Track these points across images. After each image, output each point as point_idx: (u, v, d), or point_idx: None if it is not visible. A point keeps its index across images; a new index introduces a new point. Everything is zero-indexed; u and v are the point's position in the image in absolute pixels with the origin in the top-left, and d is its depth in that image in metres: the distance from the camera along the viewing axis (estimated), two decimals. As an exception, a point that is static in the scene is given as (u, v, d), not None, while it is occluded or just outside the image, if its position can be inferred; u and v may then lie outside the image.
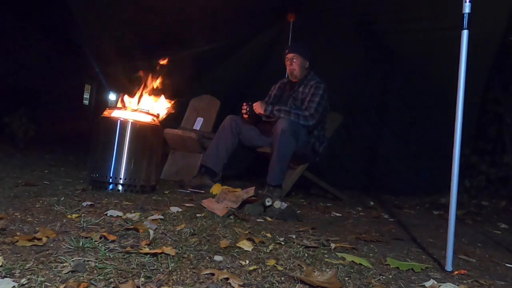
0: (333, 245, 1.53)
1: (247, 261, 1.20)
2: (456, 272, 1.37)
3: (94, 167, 2.28)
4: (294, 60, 3.04)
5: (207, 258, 1.20)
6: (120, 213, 1.64)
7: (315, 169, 3.34)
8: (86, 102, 15.81)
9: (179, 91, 2.82)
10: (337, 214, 2.53)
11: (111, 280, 0.95)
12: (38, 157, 3.83)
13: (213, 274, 1.05)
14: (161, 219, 1.63)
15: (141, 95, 2.57)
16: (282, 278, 1.09)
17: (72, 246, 1.17)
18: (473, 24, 1.47)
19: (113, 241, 1.25)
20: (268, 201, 2.08)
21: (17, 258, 1.03)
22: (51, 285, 0.90)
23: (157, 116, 2.49)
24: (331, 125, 3.36)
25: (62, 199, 1.82)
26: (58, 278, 0.94)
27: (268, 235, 1.60)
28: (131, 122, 2.27)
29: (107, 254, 1.12)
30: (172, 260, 1.13)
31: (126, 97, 2.50)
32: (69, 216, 1.52)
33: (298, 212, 2.27)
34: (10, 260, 1.01)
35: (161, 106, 2.60)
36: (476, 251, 1.82)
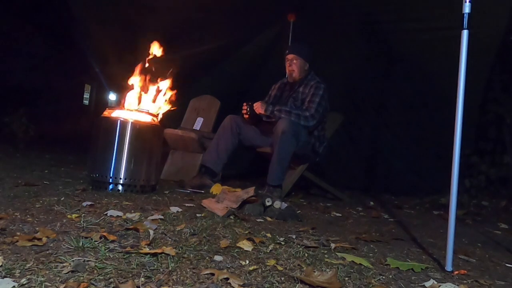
0: (333, 245, 1.53)
1: (247, 261, 1.20)
2: (456, 272, 1.37)
3: (94, 167, 2.28)
4: (294, 61, 3.04)
5: (207, 258, 1.20)
6: (120, 213, 1.64)
7: (315, 169, 3.34)
8: (86, 102, 15.82)
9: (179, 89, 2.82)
10: (337, 214, 2.53)
11: (111, 280, 0.95)
12: (38, 157, 3.83)
13: (213, 274, 1.05)
14: (161, 219, 1.63)
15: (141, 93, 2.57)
16: (282, 278, 1.09)
17: (72, 246, 1.17)
18: (473, 24, 1.47)
19: (113, 241, 1.25)
20: (268, 201, 2.08)
21: (17, 258, 1.03)
22: (51, 285, 0.90)
23: (157, 115, 2.49)
24: (331, 125, 3.36)
25: (62, 199, 1.82)
26: (58, 278, 0.94)
27: (268, 235, 1.60)
28: (131, 122, 2.27)
29: (107, 254, 1.12)
30: (172, 260, 1.13)
31: (128, 96, 2.51)
32: (69, 216, 1.52)
33: (298, 212, 2.27)
34: (10, 260, 1.01)
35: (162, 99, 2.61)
36: (476, 251, 1.82)
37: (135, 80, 2.56)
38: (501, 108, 3.90)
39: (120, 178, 2.24)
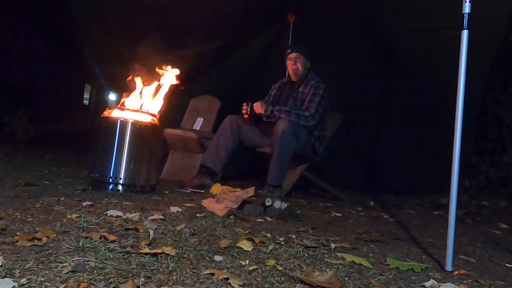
0: (333, 245, 1.53)
1: (247, 261, 1.20)
2: (456, 272, 1.37)
3: (94, 167, 2.28)
4: (298, 59, 3.04)
5: (207, 258, 1.20)
6: (120, 213, 1.64)
7: (315, 169, 3.34)
8: (86, 102, 15.83)
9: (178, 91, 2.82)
10: (337, 214, 2.53)
11: (111, 280, 0.95)
12: (38, 157, 3.83)
13: (213, 274, 1.05)
14: (161, 219, 1.63)
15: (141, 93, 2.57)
16: (282, 278, 1.09)
17: (72, 246, 1.17)
18: (473, 24, 1.47)
19: (113, 241, 1.25)
20: (268, 201, 2.08)
21: (17, 258, 1.03)
22: (51, 285, 0.90)
23: (156, 115, 2.49)
24: (331, 125, 3.36)
25: (62, 199, 1.82)
26: (58, 278, 0.94)
27: (268, 235, 1.60)
28: (131, 122, 2.27)
29: (107, 254, 1.12)
30: (172, 260, 1.13)
31: (128, 96, 2.51)
32: (69, 216, 1.52)
33: (298, 212, 2.27)
34: (10, 260, 1.01)
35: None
36: (476, 251, 1.82)
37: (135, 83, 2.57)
38: (501, 108, 3.91)
39: (120, 178, 2.24)
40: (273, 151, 2.77)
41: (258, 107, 2.91)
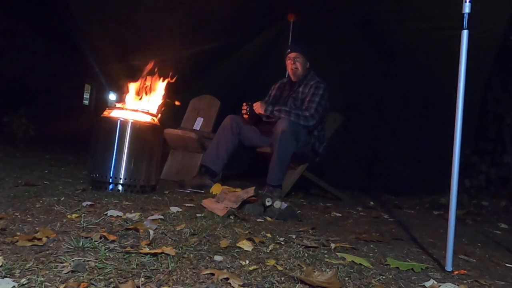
0: (333, 245, 1.53)
1: (247, 261, 1.20)
2: (456, 272, 1.37)
3: (94, 167, 2.28)
4: (297, 59, 3.04)
5: (207, 258, 1.20)
6: (120, 213, 1.64)
7: (315, 169, 3.34)
8: (86, 102, 15.82)
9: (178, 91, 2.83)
10: (337, 214, 2.53)
11: (111, 280, 0.95)
12: (38, 157, 3.83)
13: (213, 274, 1.05)
14: (161, 219, 1.63)
15: (141, 93, 2.57)
16: (282, 278, 1.09)
17: (72, 246, 1.16)
18: (473, 24, 1.47)
19: (113, 241, 1.25)
20: (268, 201, 2.08)
21: (17, 258, 1.03)
22: (51, 285, 0.90)
23: (157, 116, 2.49)
24: (331, 125, 3.36)
25: (62, 199, 1.82)
26: (58, 278, 0.94)
27: (268, 235, 1.60)
28: (131, 122, 2.27)
29: (107, 254, 1.12)
30: (172, 260, 1.13)
31: (128, 94, 2.51)
32: (69, 216, 1.52)
33: (298, 212, 2.27)
34: (10, 260, 1.01)
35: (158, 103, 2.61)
36: (476, 251, 1.82)
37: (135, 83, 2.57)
38: (501, 108, 3.91)
39: (120, 178, 2.24)
40: (273, 151, 2.77)
41: (258, 107, 2.92)
